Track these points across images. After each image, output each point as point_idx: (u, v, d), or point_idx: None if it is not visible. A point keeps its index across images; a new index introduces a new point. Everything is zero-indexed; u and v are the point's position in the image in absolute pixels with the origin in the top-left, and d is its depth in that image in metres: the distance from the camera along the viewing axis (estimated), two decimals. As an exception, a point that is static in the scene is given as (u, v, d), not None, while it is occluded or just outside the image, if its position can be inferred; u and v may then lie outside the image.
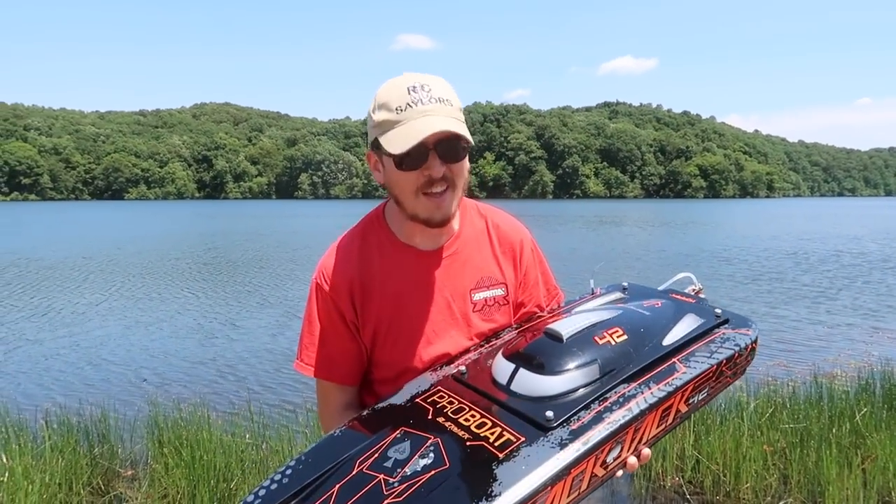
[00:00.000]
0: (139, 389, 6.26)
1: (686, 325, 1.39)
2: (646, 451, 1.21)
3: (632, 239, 26.54)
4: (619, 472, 1.19)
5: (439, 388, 1.30)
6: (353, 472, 1.11)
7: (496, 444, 1.09)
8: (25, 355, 7.76)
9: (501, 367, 1.27)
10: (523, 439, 1.09)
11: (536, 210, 65.87)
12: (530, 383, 1.21)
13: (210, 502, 3.45)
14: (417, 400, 1.27)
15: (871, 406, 4.15)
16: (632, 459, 1.18)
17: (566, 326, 1.28)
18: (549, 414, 1.12)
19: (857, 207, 79.18)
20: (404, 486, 1.04)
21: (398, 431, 1.17)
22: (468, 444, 1.11)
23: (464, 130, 1.29)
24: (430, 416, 1.20)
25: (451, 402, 1.23)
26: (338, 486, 1.09)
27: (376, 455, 1.13)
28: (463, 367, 1.34)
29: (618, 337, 1.28)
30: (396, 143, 1.26)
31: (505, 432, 1.12)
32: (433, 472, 1.05)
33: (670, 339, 1.34)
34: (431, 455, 1.09)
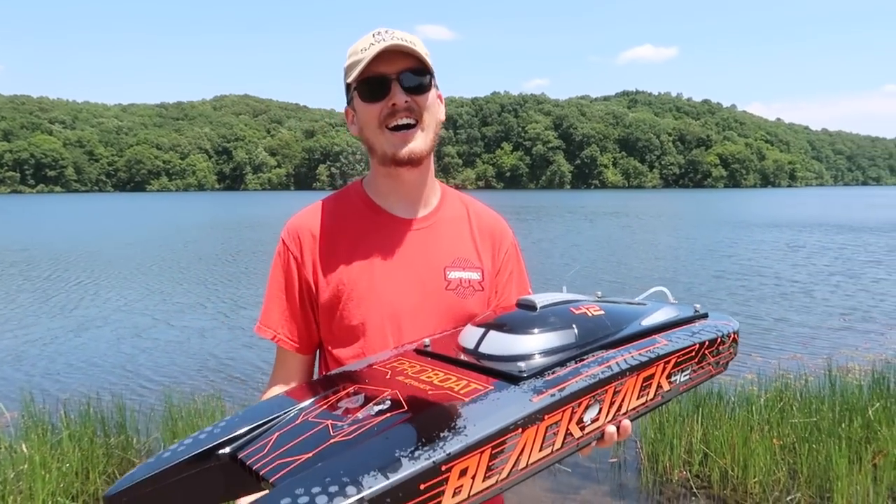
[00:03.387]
0: (154, 381, 6.37)
1: (665, 314, 1.35)
2: (626, 423, 1.12)
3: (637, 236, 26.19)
4: (594, 444, 1.10)
5: (400, 357, 1.21)
6: (298, 422, 1.00)
7: (462, 391, 0.99)
8: (44, 347, 7.92)
9: (469, 334, 1.18)
10: (492, 387, 0.99)
11: (550, 200, 65.43)
12: (501, 343, 1.12)
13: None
14: (375, 365, 1.19)
15: (885, 400, 4.11)
16: (610, 428, 1.09)
17: (540, 298, 1.21)
18: (521, 365, 1.04)
19: (878, 196, 77.67)
20: (354, 426, 0.93)
21: (352, 388, 1.08)
22: (430, 392, 1.01)
23: (421, 54, 1.28)
24: (388, 377, 1.11)
25: (412, 366, 1.14)
26: (278, 433, 0.99)
27: (325, 406, 1.03)
28: (427, 340, 1.25)
29: (595, 311, 1.21)
30: (357, 72, 1.28)
31: (472, 382, 1.02)
32: (388, 415, 0.94)
33: (649, 322, 1.29)
34: (388, 402, 0.98)
